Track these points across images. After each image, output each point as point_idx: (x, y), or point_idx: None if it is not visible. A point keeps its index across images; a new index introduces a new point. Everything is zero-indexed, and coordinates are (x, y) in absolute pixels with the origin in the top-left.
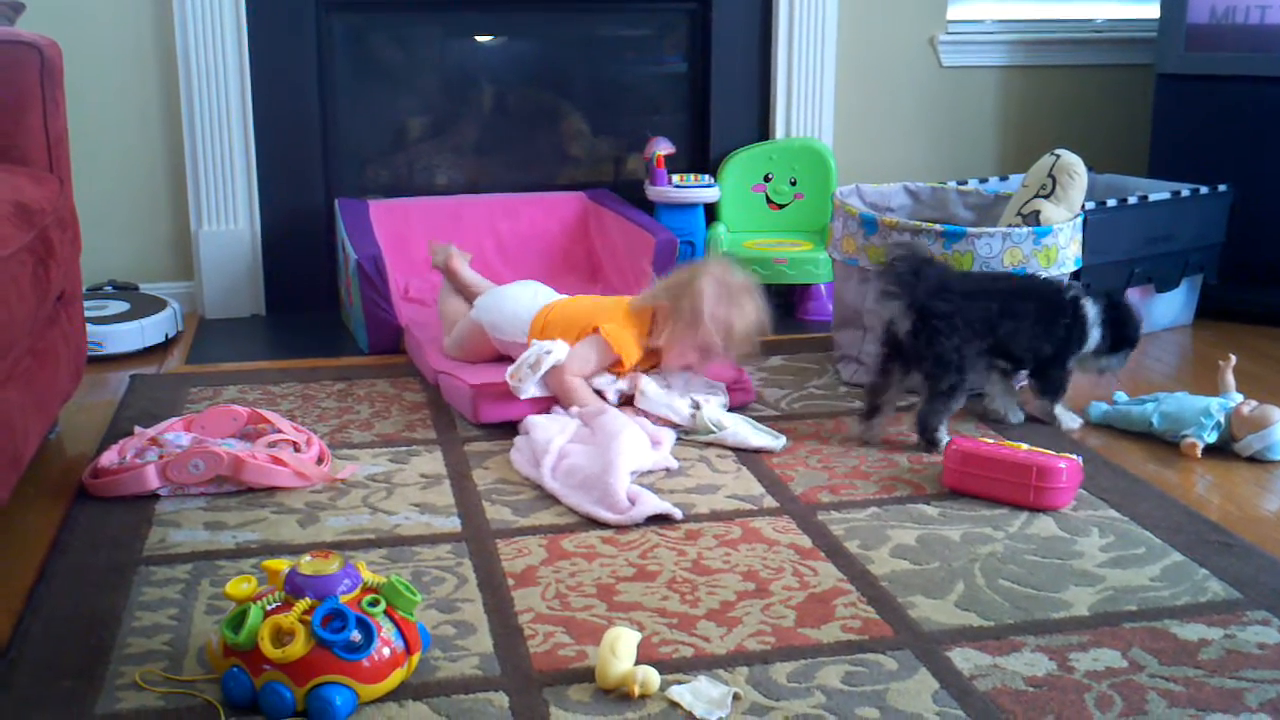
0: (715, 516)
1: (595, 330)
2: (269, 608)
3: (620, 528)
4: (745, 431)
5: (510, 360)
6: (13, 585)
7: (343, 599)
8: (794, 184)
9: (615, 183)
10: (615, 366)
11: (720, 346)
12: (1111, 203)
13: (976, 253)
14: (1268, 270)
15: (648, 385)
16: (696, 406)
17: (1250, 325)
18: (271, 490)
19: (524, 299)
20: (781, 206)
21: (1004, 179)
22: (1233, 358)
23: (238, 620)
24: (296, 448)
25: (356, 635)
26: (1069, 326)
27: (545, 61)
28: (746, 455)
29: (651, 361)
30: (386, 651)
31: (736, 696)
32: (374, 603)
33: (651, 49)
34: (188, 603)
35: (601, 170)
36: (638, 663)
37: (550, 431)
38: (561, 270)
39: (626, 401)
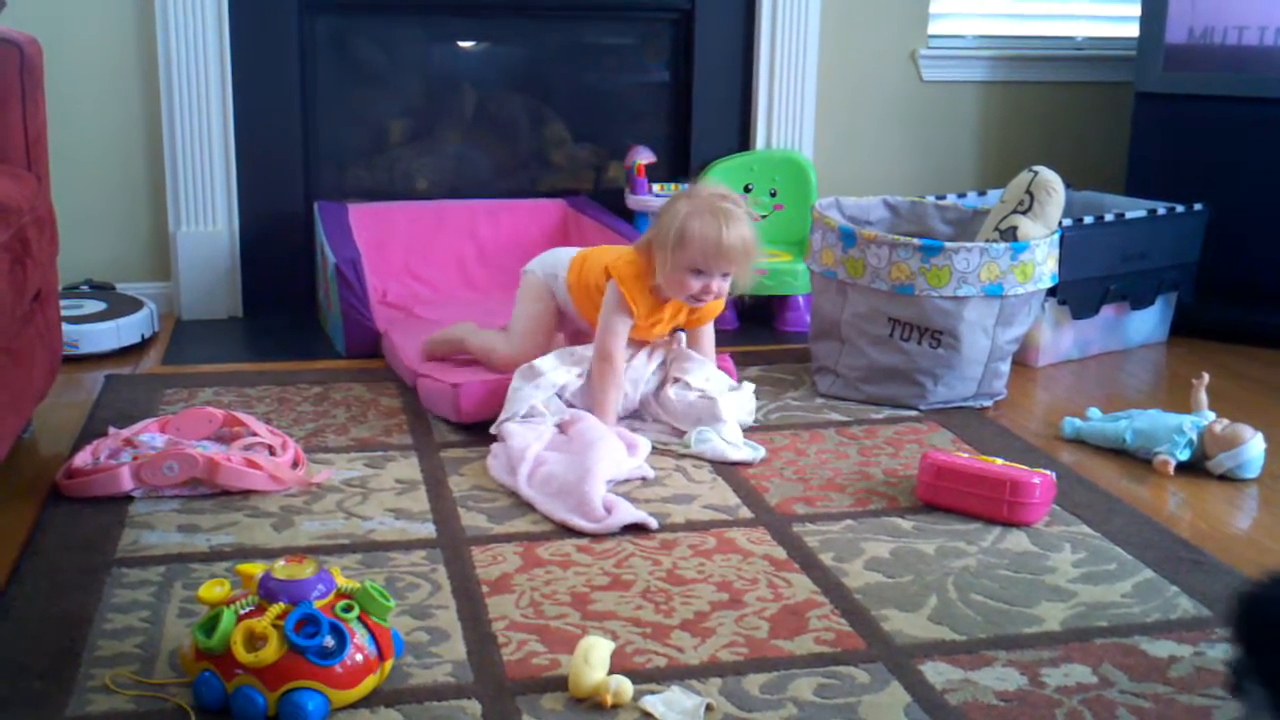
0: (690, 527)
1: (608, 277)
2: (242, 612)
3: (595, 536)
4: (723, 446)
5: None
6: None
7: (316, 604)
8: (774, 195)
9: (596, 190)
10: (653, 314)
11: (710, 264)
12: (1088, 220)
13: (954, 267)
14: (1242, 289)
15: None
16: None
17: (1224, 344)
18: (246, 493)
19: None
20: (761, 218)
21: (982, 194)
22: (1206, 376)
23: (210, 624)
24: (272, 451)
25: (330, 641)
26: None
27: (528, 68)
28: (723, 466)
29: (675, 323)
30: (359, 657)
31: (709, 707)
32: (348, 608)
33: (634, 58)
34: (160, 605)
35: (582, 178)
36: (611, 672)
37: (527, 439)
38: None
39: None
